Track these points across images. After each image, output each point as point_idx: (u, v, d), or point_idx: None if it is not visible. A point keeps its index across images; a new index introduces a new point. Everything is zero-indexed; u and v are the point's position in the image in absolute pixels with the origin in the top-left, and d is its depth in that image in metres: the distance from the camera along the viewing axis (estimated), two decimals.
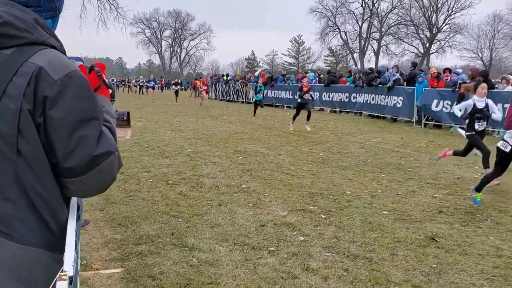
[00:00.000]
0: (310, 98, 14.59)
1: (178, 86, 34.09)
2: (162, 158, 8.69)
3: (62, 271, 1.17)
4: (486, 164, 6.76)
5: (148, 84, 44.98)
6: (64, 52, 1.41)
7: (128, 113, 2.05)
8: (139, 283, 3.47)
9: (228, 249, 4.13)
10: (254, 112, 17.65)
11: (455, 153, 7.50)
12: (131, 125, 2.09)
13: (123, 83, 56.23)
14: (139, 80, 47.90)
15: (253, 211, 5.32)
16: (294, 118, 14.17)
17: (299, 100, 13.98)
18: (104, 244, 4.27)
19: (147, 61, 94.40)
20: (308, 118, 13.76)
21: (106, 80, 1.61)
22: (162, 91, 51.18)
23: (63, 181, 1.33)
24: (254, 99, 18.57)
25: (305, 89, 13.78)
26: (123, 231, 4.61)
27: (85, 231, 4.55)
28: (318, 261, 3.91)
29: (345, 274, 3.66)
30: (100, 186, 1.38)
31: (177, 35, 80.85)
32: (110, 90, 1.71)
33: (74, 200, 1.47)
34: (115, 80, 52.60)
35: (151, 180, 6.81)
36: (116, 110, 2.02)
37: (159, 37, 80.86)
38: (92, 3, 40.74)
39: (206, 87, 28.60)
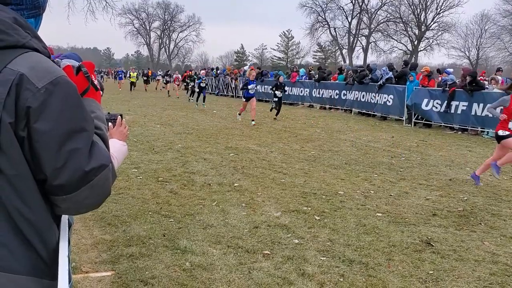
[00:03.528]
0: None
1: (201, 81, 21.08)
2: (151, 154, 8.55)
3: None
4: None
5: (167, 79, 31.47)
6: (48, 55, 1.26)
7: (121, 115, 1.94)
8: None
9: (222, 252, 4.03)
10: None
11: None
12: None
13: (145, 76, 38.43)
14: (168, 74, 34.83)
15: (246, 212, 5.23)
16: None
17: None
18: (94, 245, 4.14)
19: (135, 52, 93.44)
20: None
21: (95, 81, 1.47)
22: (148, 83, 50.57)
23: (52, 199, 1.20)
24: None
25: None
26: (113, 231, 4.49)
27: (73, 231, 4.41)
28: (313, 265, 3.83)
29: (342, 280, 3.59)
30: (93, 203, 1.25)
31: (166, 27, 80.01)
32: (101, 92, 1.59)
33: (65, 218, 1.34)
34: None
35: (141, 177, 6.67)
36: (108, 113, 1.91)
37: (148, 28, 79.91)
38: None
39: None
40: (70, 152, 1.15)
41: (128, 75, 35.64)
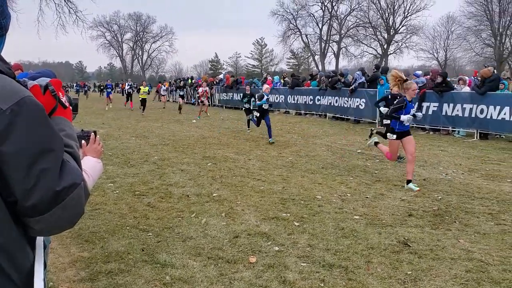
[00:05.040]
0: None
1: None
2: (127, 167, 8.45)
3: None
4: None
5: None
6: (13, 76, 1.25)
7: (95, 132, 1.93)
8: None
9: (202, 264, 4.01)
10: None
11: None
12: None
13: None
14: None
15: (226, 221, 5.22)
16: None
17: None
18: (71, 263, 4.06)
19: (108, 64, 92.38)
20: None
21: (63, 99, 1.46)
22: (122, 95, 50.00)
23: (25, 221, 1.18)
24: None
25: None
26: (90, 248, 4.41)
27: (50, 249, 4.31)
28: (294, 272, 3.85)
29: (322, 285, 3.62)
30: (67, 223, 1.24)
31: (139, 38, 79.46)
32: (71, 107, 1.56)
33: (40, 241, 1.32)
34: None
35: (117, 192, 6.59)
36: (82, 130, 1.90)
37: (120, 40, 79.21)
38: (50, 7, 39.61)
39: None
40: (40, 173, 1.14)
41: (132, 90, 27.40)
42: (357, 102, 17.30)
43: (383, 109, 7.96)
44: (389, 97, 9.35)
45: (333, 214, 5.56)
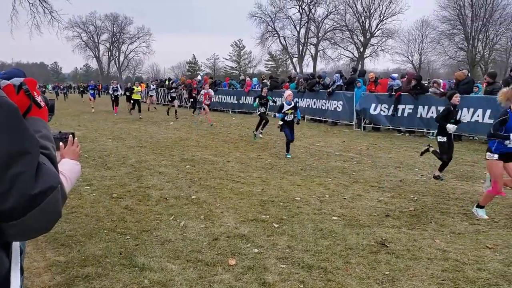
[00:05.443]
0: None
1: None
2: (104, 170, 8.32)
3: None
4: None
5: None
6: None
7: (73, 134, 1.90)
8: None
9: (181, 267, 3.98)
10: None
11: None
12: None
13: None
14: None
15: (205, 224, 5.20)
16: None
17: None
18: (47, 267, 3.98)
19: (84, 65, 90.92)
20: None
21: (38, 99, 1.41)
22: (99, 96, 49.34)
23: None
24: None
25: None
26: (67, 252, 4.33)
27: (25, 255, 4.21)
28: (274, 274, 3.86)
29: (302, 286, 3.63)
30: (43, 227, 1.20)
31: (115, 39, 78.35)
32: (46, 107, 1.51)
33: (16, 245, 1.28)
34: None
35: (94, 194, 6.48)
36: (60, 132, 1.87)
37: (97, 41, 77.92)
38: (24, 6, 38.67)
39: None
40: (15, 176, 1.11)
41: (123, 92, 23.83)
42: (335, 104, 17.46)
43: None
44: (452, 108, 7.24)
45: (312, 215, 5.59)
